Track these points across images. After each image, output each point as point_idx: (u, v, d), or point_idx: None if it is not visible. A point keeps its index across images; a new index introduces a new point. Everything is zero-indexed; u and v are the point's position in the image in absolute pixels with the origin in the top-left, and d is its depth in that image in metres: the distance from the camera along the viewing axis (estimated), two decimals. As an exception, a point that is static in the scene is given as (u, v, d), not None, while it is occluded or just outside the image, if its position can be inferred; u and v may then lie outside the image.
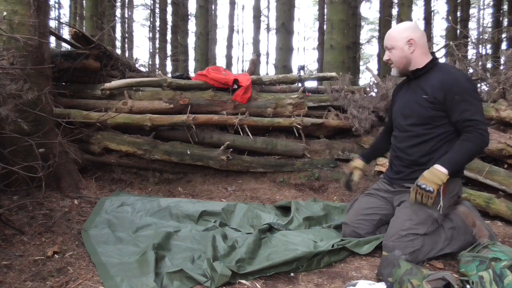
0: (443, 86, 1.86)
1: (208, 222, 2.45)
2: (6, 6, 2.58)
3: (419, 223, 1.84)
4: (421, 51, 1.95)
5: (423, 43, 1.97)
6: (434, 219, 1.87)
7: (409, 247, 1.80)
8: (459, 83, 1.84)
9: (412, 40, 1.93)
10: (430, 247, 1.87)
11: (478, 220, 2.00)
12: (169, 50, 13.15)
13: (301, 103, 3.94)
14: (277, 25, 9.35)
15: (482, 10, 18.56)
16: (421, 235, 1.84)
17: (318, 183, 3.60)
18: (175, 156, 3.63)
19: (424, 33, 2.02)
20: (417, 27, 2.01)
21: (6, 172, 2.07)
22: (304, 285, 1.67)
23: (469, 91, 1.83)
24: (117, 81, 3.74)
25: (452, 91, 1.84)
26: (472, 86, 1.86)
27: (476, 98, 1.84)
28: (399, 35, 1.96)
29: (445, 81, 1.87)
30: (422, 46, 1.96)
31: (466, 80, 1.87)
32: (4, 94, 2.15)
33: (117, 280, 1.64)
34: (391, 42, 1.99)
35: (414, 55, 1.95)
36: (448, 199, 1.91)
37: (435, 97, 1.88)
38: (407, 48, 1.94)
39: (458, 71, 1.95)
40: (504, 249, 1.63)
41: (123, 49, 12.85)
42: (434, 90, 1.89)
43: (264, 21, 18.24)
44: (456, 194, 1.97)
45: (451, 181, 1.85)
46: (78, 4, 12.17)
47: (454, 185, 1.93)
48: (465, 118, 1.81)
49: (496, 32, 4.83)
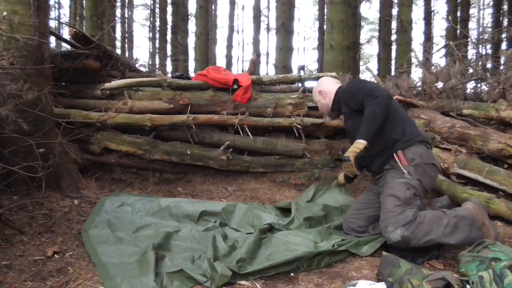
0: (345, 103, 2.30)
1: (208, 222, 2.45)
2: (6, 6, 2.58)
3: (396, 192, 1.97)
4: (330, 95, 2.36)
5: (329, 88, 2.39)
6: (407, 183, 1.97)
7: (401, 219, 1.87)
8: (347, 93, 2.28)
9: (320, 91, 2.41)
10: (430, 226, 1.87)
11: (486, 220, 1.98)
12: (169, 50, 13.14)
13: (301, 103, 3.94)
14: (277, 25, 9.35)
15: (482, 10, 18.56)
16: (405, 204, 1.92)
17: (318, 183, 3.60)
18: (175, 156, 3.62)
19: (330, 80, 2.50)
20: (322, 79, 2.54)
21: (6, 172, 2.07)
22: (304, 285, 1.67)
23: (358, 87, 2.21)
24: (117, 81, 3.74)
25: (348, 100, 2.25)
26: (353, 87, 2.26)
27: (360, 87, 2.19)
28: (314, 90, 2.50)
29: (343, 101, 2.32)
30: (329, 91, 2.38)
31: (350, 87, 2.31)
32: (4, 94, 2.15)
33: (117, 280, 1.64)
34: (314, 99, 2.52)
35: (327, 101, 2.39)
36: (415, 168, 2.02)
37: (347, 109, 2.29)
38: (320, 97, 2.42)
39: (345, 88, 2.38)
40: (504, 249, 1.62)
41: (123, 49, 12.85)
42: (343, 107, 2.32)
43: (264, 21, 18.23)
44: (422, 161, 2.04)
45: (407, 150, 2.05)
46: (78, 4, 12.16)
47: (413, 151, 2.05)
48: (361, 101, 2.12)
49: (496, 32, 4.84)
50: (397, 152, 2.07)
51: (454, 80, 3.36)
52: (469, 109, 3.21)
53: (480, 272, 1.48)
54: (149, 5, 14.98)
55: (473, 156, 2.87)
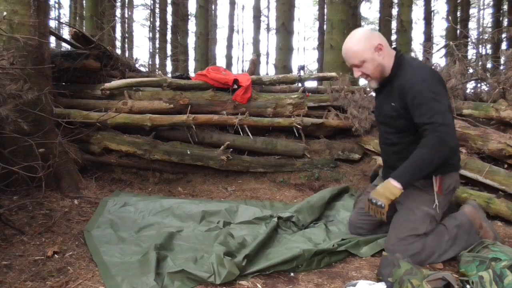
0: (402, 93, 1.77)
1: (211, 223, 2.46)
2: (6, 6, 2.58)
3: (417, 222, 1.83)
4: (388, 53, 1.84)
5: (386, 43, 1.84)
6: (432, 216, 1.83)
7: (409, 250, 1.79)
8: (415, 87, 1.72)
9: (380, 45, 1.80)
10: (432, 250, 1.84)
11: (484, 222, 1.95)
12: (169, 50, 13.14)
13: (301, 103, 3.94)
14: (277, 25, 9.35)
15: (482, 10, 18.55)
16: (420, 236, 1.82)
17: (318, 183, 3.60)
18: (175, 156, 3.63)
19: (380, 33, 1.93)
20: (373, 32, 1.89)
21: (6, 172, 2.07)
22: (304, 285, 1.67)
23: (426, 92, 1.70)
24: (117, 81, 3.74)
25: (409, 97, 1.73)
26: (430, 87, 1.71)
27: (436, 99, 1.69)
28: (365, 46, 1.80)
29: (403, 87, 1.76)
30: (387, 48, 1.84)
31: (423, 81, 1.73)
32: (4, 94, 2.15)
33: (117, 280, 1.64)
34: (359, 58, 1.82)
35: (386, 60, 1.83)
36: (444, 196, 1.87)
37: (399, 105, 1.80)
38: (377, 55, 1.81)
39: (416, 72, 1.78)
40: (504, 249, 1.63)
41: (123, 49, 12.84)
42: (396, 97, 1.81)
43: (264, 21, 18.23)
44: (453, 189, 1.92)
45: (447, 176, 1.83)
46: (78, 4, 12.16)
47: (450, 180, 1.87)
48: (422, 122, 1.70)
49: (496, 32, 4.83)
50: (437, 176, 1.82)
51: (454, 80, 3.36)
52: (469, 109, 3.21)
53: (480, 272, 1.48)
54: (149, 5, 14.97)
55: (473, 156, 2.87)
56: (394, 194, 1.72)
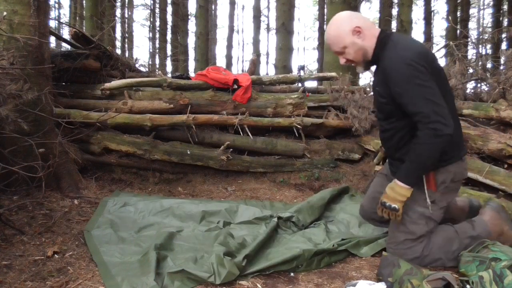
0: (384, 78, 1.65)
1: (211, 223, 2.46)
2: (6, 6, 2.58)
3: (412, 225, 1.75)
4: (370, 34, 1.70)
5: (367, 24, 1.71)
6: (427, 216, 1.73)
7: (408, 254, 1.75)
8: (395, 72, 1.59)
9: (357, 27, 1.68)
10: (437, 256, 1.76)
11: (506, 225, 1.81)
12: (169, 50, 13.14)
13: (301, 103, 3.94)
14: (277, 25, 9.35)
15: (482, 10, 18.55)
16: (418, 239, 1.76)
17: (318, 183, 3.60)
18: (175, 156, 3.63)
19: (360, 15, 1.79)
20: (353, 13, 1.78)
21: (6, 172, 2.07)
22: (304, 285, 1.67)
23: (408, 77, 1.56)
24: (117, 81, 3.74)
25: (391, 83, 1.61)
26: (414, 70, 1.56)
27: (421, 84, 1.55)
28: (343, 31, 1.70)
29: (385, 71, 1.64)
30: (367, 28, 1.70)
31: (406, 65, 1.58)
32: (4, 94, 2.15)
33: (117, 280, 1.64)
34: (339, 44, 1.73)
35: (367, 42, 1.70)
36: (441, 193, 1.73)
37: (383, 90, 1.70)
38: (357, 38, 1.69)
39: (399, 53, 1.62)
40: (504, 249, 1.62)
41: (123, 49, 12.85)
42: (380, 81, 1.70)
43: (264, 21, 18.23)
44: (451, 182, 1.74)
45: (442, 171, 1.69)
46: (78, 4, 12.15)
47: (446, 175, 1.71)
48: (411, 112, 1.59)
49: (496, 32, 4.83)
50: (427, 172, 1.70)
51: (454, 80, 3.36)
52: (469, 109, 3.21)
53: (480, 272, 1.48)
54: (149, 5, 14.97)
55: (473, 156, 2.87)
56: (405, 195, 1.67)
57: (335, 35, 1.73)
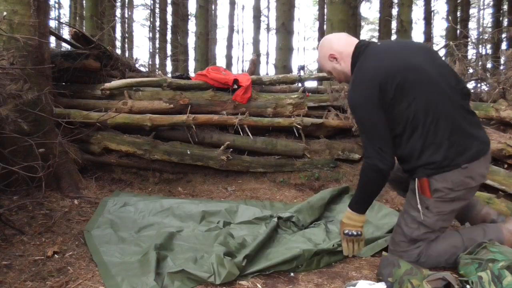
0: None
1: (211, 223, 2.46)
2: (6, 6, 2.58)
3: (405, 227, 1.73)
4: (346, 56, 1.74)
5: (342, 45, 1.76)
6: (419, 222, 1.69)
7: (404, 257, 1.72)
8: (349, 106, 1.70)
9: (331, 55, 1.77)
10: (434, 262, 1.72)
11: None
12: (169, 50, 13.14)
13: (301, 103, 3.94)
14: (277, 25, 9.35)
15: (482, 10, 18.55)
16: (412, 243, 1.72)
17: (318, 183, 3.60)
18: (175, 156, 3.63)
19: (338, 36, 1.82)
20: (326, 39, 1.83)
21: (6, 172, 2.07)
22: (304, 285, 1.67)
23: (353, 112, 1.70)
24: (117, 81, 3.75)
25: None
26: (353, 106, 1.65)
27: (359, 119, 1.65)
28: (322, 59, 1.81)
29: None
30: (343, 49, 1.74)
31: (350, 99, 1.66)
32: (4, 94, 2.15)
33: (117, 280, 1.64)
34: (325, 70, 1.85)
35: (345, 65, 1.76)
36: (439, 201, 1.65)
37: None
38: (335, 64, 1.78)
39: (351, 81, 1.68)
40: (503, 250, 1.61)
41: (123, 49, 12.84)
42: None
43: (264, 21, 18.22)
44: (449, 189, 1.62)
45: (437, 177, 1.62)
46: (78, 4, 12.15)
47: (442, 181, 1.62)
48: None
49: (496, 32, 4.83)
50: (420, 178, 1.66)
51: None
52: (469, 109, 3.20)
53: (479, 273, 1.48)
54: (149, 5, 14.97)
55: (473, 156, 2.86)
56: (361, 220, 1.75)
57: (320, 62, 1.86)
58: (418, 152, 1.63)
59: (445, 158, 1.61)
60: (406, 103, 1.60)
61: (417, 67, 1.62)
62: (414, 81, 1.60)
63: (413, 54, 1.68)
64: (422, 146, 1.62)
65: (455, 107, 1.63)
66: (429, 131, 1.60)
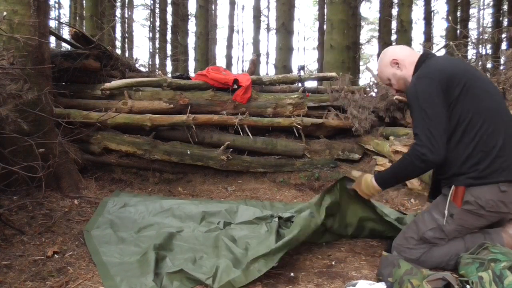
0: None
1: (211, 223, 2.46)
2: (6, 6, 2.57)
3: (420, 223, 1.74)
4: (408, 63, 1.79)
5: (405, 53, 1.81)
6: (438, 225, 1.68)
7: (406, 253, 1.73)
8: (408, 91, 1.69)
9: (394, 60, 1.81)
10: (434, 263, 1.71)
11: None
12: (169, 50, 13.15)
13: (301, 103, 3.94)
14: (277, 25, 9.35)
15: (482, 10, 18.56)
16: (420, 243, 1.72)
17: (318, 183, 3.60)
18: (175, 156, 3.63)
19: (401, 46, 1.90)
20: (390, 48, 1.90)
21: (6, 172, 2.07)
22: (304, 285, 1.67)
23: (413, 99, 1.65)
24: (117, 81, 3.75)
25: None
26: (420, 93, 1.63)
27: (419, 105, 1.62)
28: (383, 65, 1.85)
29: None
30: (406, 57, 1.80)
31: (415, 86, 1.66)
32: (4, 94, 2.15)
33: (116, 280, 1.64)
34: (383, 78, 1.88)
35: (406, 72, 1.79)
36: (465, 212, 1.62)
37: None
38: (396, 69, 1.81)
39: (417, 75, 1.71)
40: (505, 251, 1.60)
41: (123, 49, 12.85)
42: None
43: (264, 21, 18.23)
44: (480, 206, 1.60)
45: (472, 189, 1.59)
46: (78, 4, 12.16)
47: (476, 195, 1.59)
48: (413, 131, 1.68)
49: (496, 32, 4.83)
50: (458, 186, 1.62)
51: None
52: (469, 109, 3.20)
53: (480, 273, 1.48)
54: (149, 5, 14.98)
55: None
56: (373, 192, 1.81)
57: (379, 70, 1.89)
58: (464, 158, 1.61)
59: (488, 167, 1.58)
60: (467, 105, 1.60)
61: (480, 77, 1.68)
62: (478, 87, 1.63)
63: (473, 68, 1.77)
64: (470, 152, 1.59)
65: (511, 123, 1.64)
66: (481, 138, 1.59)
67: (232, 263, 1.70)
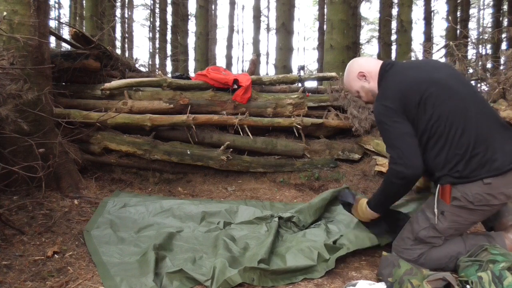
0: None
1: (211, 223, 2.46)
2: (6, 6, 2.57)
3: (415, 224, 1.74)
4: (374, 75, 1.81)
5: (371, 66, 1.82)
6: (431, 224, 1.69)
7: (405, 253, 1.73)
8: (374, 116, 1.74)
9: (361, 72, 1.82)
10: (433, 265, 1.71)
11: None
12: (169, 50, 13.15)
13: (301, 103, 3.94)
14: (277, 25, 9.35)
15: (482, 10, 18.57)
16: (416, 243, 1.72)
17: (318, 183, 3.60)
18: (175, 156, 3.62)
19: (366, 58, 1.95)
20: (355, 60, 1.91)
21: (6, 172, 2.07)
22: (304, 285, 1.67)
23: (377, 122, 1.71)
24: (117, 81, 3.74)
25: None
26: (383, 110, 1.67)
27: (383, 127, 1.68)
28: (351, 78, 1.87)
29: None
30: (369, 71, 1.81)
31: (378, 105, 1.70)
32: (4, 94, 2.15)
33: (116, 280, 1.64)
34: (352, 90, 1.90)
35: (372, 84, 1.81)
36: (453, 207, 1.64)
37: None
38: (364, 82, 1.83)
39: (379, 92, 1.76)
40: (504, 252, 1.60)
41: (123, 49, 12.86)
42: None
43: (264, 21, 18.24)
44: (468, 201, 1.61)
45: (458, 187, 1.61)
46: (78, 4, 12.16)
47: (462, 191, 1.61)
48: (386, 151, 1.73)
49: (496, 32, 4.82)
50: (444, 185, 1.65)
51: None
52: (469, 109, 3.20)
53: (480, 273, 1.48)
54: (149, 5, 14.99)
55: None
56: (369, 218, 1.89)
57: (348, 84, 1.91)
58: (442, 164, 1.64)
59: (467, 168, 1.60)
60: (429, 114, 1.62)
61: (440, 80, 1.67)
62: (438, 93, 1.63)
63: (436, 69, 1.73)
64: (445, 158, 1.63)
65: (483, 120, 1.63)
66: (452, 142, 1.61)
67: (228, 262, 1.70)
